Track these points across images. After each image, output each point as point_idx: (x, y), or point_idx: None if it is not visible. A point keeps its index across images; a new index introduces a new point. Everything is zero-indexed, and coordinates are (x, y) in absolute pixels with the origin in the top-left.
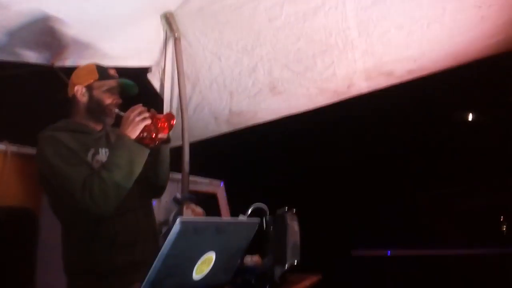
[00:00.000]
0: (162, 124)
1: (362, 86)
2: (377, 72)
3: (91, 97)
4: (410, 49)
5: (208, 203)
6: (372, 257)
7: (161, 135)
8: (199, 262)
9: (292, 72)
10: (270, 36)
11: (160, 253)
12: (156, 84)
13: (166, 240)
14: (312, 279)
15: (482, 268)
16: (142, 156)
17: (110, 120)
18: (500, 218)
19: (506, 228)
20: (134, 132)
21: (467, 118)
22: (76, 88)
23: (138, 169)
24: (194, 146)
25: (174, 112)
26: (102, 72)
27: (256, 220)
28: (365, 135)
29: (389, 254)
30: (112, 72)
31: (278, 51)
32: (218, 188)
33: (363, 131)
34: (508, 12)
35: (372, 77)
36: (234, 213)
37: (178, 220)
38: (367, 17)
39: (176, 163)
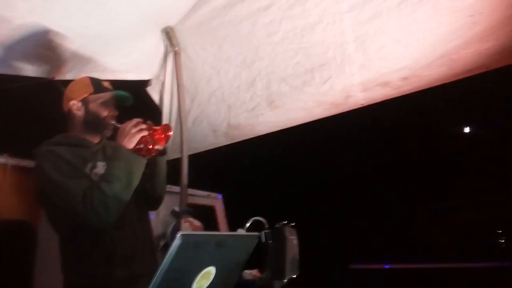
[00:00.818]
0: (159, 135)
1: (359, 97)
2: (374, 83)
3: (87, 110)
4: (406, 60)
5: (206, 216)
6: (370, 270)
7: (158, 147)
8: (199, 276)
9: (290, 86)
10: (268, 51)
11: (160, 267)
12: (155, 97)
13: (167, 254)
14: None
15: (479, 281)
16: (140, 166)
17: (107, 132)
18: (497, 231)
19: (504, 241)
20: (130, 143)
21: (464, 131)
22: (71, 102)
23: (137, 179)
24: (193, 158)
25: (173, 124)
26: (97, 85)
27: (256, 234)
28: (363, 149)
29: (387, 267)
30: (107, 84)
31: (276, 65)
32: (216, 201)
33: (361, 144)
34: (497, 17)
35: (368, 87)
36: (232, 226)
37: (179, 234)
38: (364, 32)
39: (174, 175)
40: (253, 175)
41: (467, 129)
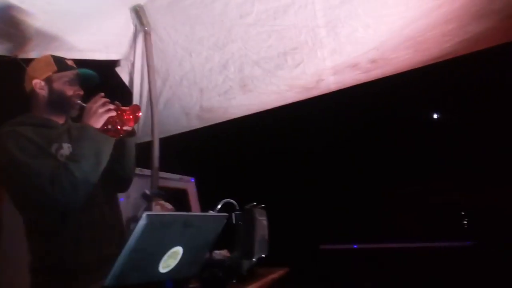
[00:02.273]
0: (127, 116)
1: (330, 81)
2: (343, 65)
3: (51, 90)
4: (375, 42)
5: (179, 199)
6: (339, 250)
7: (126, 127)
8: (166, 256)
9: (263, 69)
10: (241, 33)
11: (125, 247)
12: (125, 78)
13: (132, 234)
14: (280, 272)
15: (442, 259)
16: (108, 146)
17: (73, 112)
18: (461, 213)
19: (466, 223)
20: (97, 123)
21: (432, 117)
22: (34, 81)
23: (105, 159)
24: (166, 141)
25: (143, 106)
26: (60, 63)
27: (224, 214)
28: (333, 132)
29: (355, 247)
30: (70, 62)
31: (249, 48)
32: (188, 184)
33: (331, 128)
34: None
35: (338, 70)
36: (205, 209)
37: (144, 214)
38: (335, 16)
39: (146, 158)
40: (226, 158)
41: (434, 115)
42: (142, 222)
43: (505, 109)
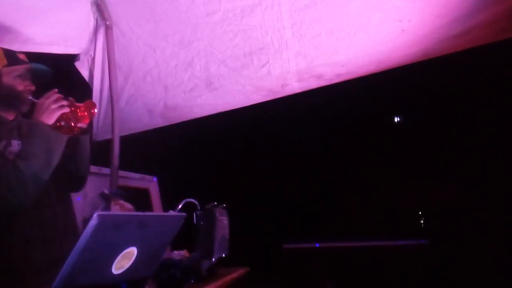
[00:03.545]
0: (82, 113)
1: (295, 86)
2: (309, 74)
3: (0, 84)
4: (339, 54)
5: (140, 199)
6: (302, 249)
7: (81, 125)
8: (119, 257)
9: (229, 68)
10: (207, 31)
11: (75, 247)
12: (84, 73)
13: (82, 234)
14: (240, 272)
15: (400, 257)
16: (60, 144)
17: (23, 108)
18: (418, 213)
19: (423, 222)
20: (49, 119)
21: (393, 120)
22: None
23: (56, 158)
24: (128, 139)
25: (104, 103)
26: (11, 57)
27: (181, 214)
28: (297, 133)
29: (317, 246)
30: (22, 56)
31: (215, 46)
32: (151, 183)
33: (295, 129)
34: (426, 26)
35: (304, 78)
36: (168, 209)
37: (95, 214)
38: (300, 19)
39: (106, 157)
40: (191, 157)
41: (391, 117)
42: (93, 222)
43: (457, 111)
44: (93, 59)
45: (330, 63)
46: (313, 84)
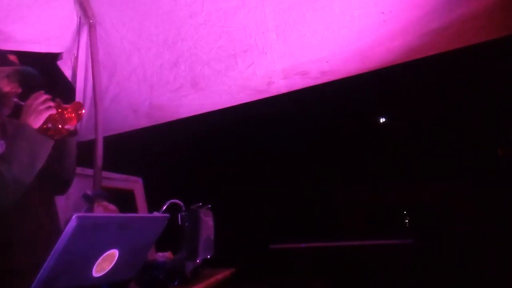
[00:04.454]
0: (69, 114)
1: (280, 84)
2: (294, 71)
3: None
4: (323, 51)
5: (125, 200)
6: (288, 249)
7: (68, 126)
8: (99, 259)
9: (213, 70)
10: (191, 32)
11: (53, 250)
12: (67, 72)
13: (61, 236)
14: (225, 273)
15: (386, 256)
16: (45, 148)
17: (6, 111)
18: (403, 212)
19: (408, 221)
20: (36, 121)
21: (378, 120)
22: None
23: (40, 162)
24: (112, 140)
25: (87, 102)
26: (0, 57)
27: (164, 215)
28: (283, 133)
29: (303, 246)
30: (13, 58)
31: (199, 47)
32: (135, 184)
33: (281, 129)
34: (406, 17)
35: (289, 76)
36: (153, 210)
37: (74, 216)
38: (284, 20)
39: (90, 157)
40: (176, 158)
41: (377, 118)
42: (72, 224)
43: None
44: (76, 58)
45: (315, 60)
46: (298, 82)
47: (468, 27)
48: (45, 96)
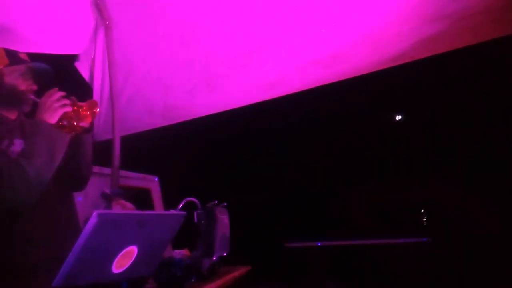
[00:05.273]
0: (84, 112)
1: (293, 77)
2: (305, 61)
3: (2, 84)
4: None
5: (142, 198)
6: (303, 248)
7: (83, 124)
8: (119, 256)
9: (228, 68)
10: (206, 31)
11: (75, 246)
12: (85, 73)
13: (82, 233)
14: (241, 271)
15: (402, 255)
16: (62, 143)
17: (26, 108)
18: (420, 211)
19: (425, 220)
20: (52, 118)
21: (394, 118)
22: None
23: (59, 157)
24: (129, 139)
25: (104, 103)
26: (12, 56)
27: (181, 212)
28: (298, 132)
29: (319, 245)
30: (24, 56)
31: (214, 46)
32: (152, 183)
33: (296, 127)
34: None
35: (302, 67)
36: (169, 208)
37: (94, 213)
38: (299, 14)
39: (107, 157)
40: (191, 156)
41: (391, 115)
42: (92, 221)
43: (459, 110)
44: (93, 59)
45: (327, 48)
46: (311, 74)
47: (482, 20)
48: (59, 94)
